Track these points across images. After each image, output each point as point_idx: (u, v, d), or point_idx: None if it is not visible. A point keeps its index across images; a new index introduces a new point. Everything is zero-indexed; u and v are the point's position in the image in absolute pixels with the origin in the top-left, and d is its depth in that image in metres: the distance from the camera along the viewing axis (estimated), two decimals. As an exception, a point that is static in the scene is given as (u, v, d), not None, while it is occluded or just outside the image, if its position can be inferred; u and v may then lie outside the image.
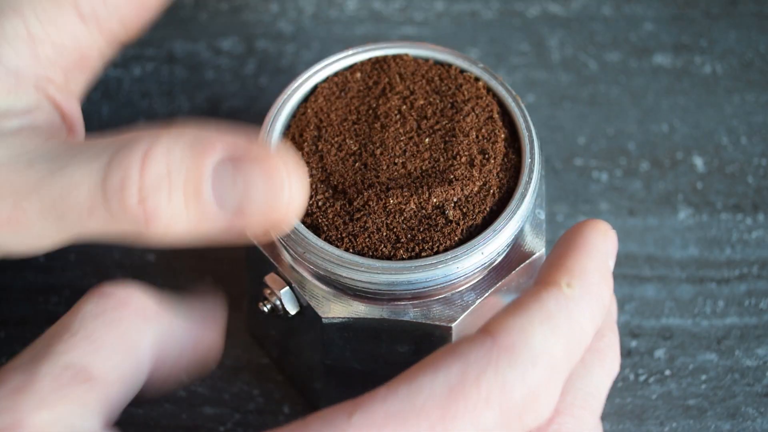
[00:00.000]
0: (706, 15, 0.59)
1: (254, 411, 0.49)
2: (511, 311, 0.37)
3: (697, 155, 0.55)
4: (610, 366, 0.41)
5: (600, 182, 0.54)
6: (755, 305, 0.51)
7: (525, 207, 0.42)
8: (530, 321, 0.36)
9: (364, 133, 0.44)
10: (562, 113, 0.56)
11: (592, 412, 0.40)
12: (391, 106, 0.44)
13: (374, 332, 0.43)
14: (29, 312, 0.51)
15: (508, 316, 0.37)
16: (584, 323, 0.37)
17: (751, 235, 0.53)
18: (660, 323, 0.51)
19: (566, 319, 0.37)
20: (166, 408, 0.49)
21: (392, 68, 0.45)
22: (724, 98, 0.57)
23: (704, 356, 0.50)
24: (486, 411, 0.35)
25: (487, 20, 0.59)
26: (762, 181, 0.54)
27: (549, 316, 0.37)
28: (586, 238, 0.39)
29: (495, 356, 0.36)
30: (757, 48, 0.58)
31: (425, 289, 0.42)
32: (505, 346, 0.36)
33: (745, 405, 0.49)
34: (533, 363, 0.36)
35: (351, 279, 0.41)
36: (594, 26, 0.59)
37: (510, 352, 0.36)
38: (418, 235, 0.42)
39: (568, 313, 0.37)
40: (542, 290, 0.38)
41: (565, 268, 0.38)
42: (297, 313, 0.43)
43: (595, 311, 0.38)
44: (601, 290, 0.38)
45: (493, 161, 0.43)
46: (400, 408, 0.35)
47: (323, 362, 0.45)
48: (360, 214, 0.42)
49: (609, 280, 0.39)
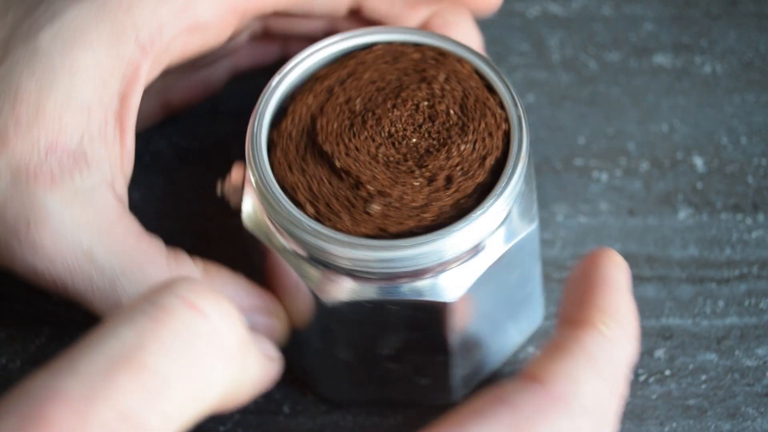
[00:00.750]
0: (706, 15, 0.59)
1: (254, 411, 0.49)
2: (554, 356, 0.36)
3: (697, 155, 0.55)
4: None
5: (600, 182, 0.54)
6: (755, 305, 0.51)
7: (516, 180, 0.42)
8: (577, 366, 0.36)
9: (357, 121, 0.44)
10: (562, 113, 0.56)
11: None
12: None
13: (369, 312, 0.43)
14: (29, 312, 0.51)
15: (553, 361, 0.36)
16: (623, 363, 0.37)
17: (751, 235, 0.53)
18: (660, 323, 0.51)
19: (608, 361, 0.36)
20: (166, 408, 0.49)
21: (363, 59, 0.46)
22: (724, 98, 0.57)
23: (704, 356, 0.50)
24: None
25: (487, 20, 0.59)
26: (762, 181, 0.54)
27: (594, 361, 0.36)
28: (608, 272, 0.39)
29: (545, 406, 0.35)
30: (757, 48, 0.58)
31: (418, 267, 0.42)
32: (555, 395, 0.35)
33: (745, 405, 0.49)
34: (584, 412, 0.35)
35: (344, 258, 0.41)
36: (594, 26, 0.59)
37: (561, 401, 0.35)
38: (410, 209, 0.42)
39: (609, 356, 0.37)
40: (581, 332, 0.37)
41: (597, 307, 0.38)
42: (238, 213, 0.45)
43: (630, 348, 0.38)
44: (633, 326, 0.38)
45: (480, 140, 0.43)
46: None
47: (320, 342, 0.45)
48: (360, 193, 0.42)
49: (635, 313, 0.39)
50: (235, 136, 0.55)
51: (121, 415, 0.32)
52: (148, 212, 0.53)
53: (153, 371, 0.32)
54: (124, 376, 0.32)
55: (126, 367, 0.32)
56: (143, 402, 0.32)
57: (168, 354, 0.33)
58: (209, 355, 0.34)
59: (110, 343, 0.33)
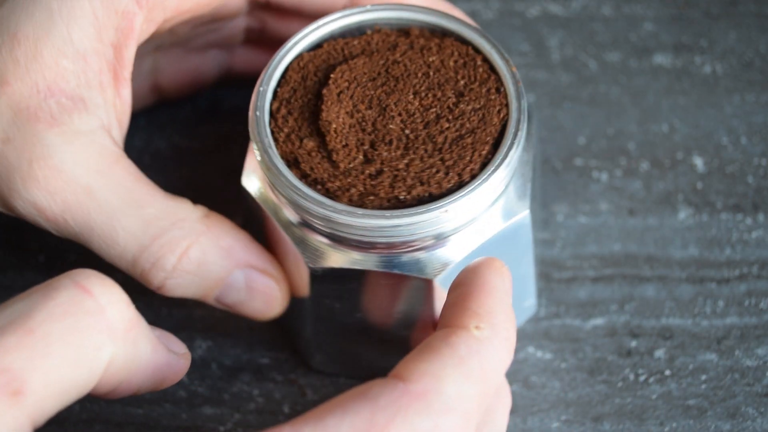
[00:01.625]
0: (706, 15, 0.59)
1: (254, 411, 0.49)
2: (421, 356, 0.36)
3: (697, 155, 0.55)
4: (506, 400, 0.40)
5: (600, 182, 0.54)
6: (755, 305, 0.51)
7: (513, 157, 0.43)
8: (443, 366, 0.36)
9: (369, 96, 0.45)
10: (562, 113, 0.56)
11: None
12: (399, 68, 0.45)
13: (358, 283, 0.44)
14: (29, 312, 0.51)
15: (419, 360, 0.36)
16: (495, 365, 0.37)
17: (751, 235, 0.53)
18: (660, 323, 0.51)
19: (478, 363, 0.36)
20: (166, 408, 0.49)
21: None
22: (724, 98, 0.57)
23: (704, 356, 0.50)
24: None
25: (487, 20, 0.59)
26: (762, 181, 0.54)
27: (461, 361, 0.36)
28: (486, 279, 0.39)
29: (405, 403, 0.35)
30: (757, 48, 0.58)
31: (409, 239, 0.42)
32: (416, 393, 0.35)
33: (745, 405, 0.49)
34: (446, 411, 0.35)
35: (337, 224, 0.42)
36: (594, 26, 0.59)
37: (422, 399, 0.35)
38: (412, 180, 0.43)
39: (479, 357, 0.36)
40: (451, 334, 0.37)
41: (471, 311, 0.38)
42: None
43: (504, 352, 0.37)
44: (508, 330, 0.38)
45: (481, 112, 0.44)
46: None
47: (312, 312, 0.46)
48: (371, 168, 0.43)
49: (513, 319, 0.38)
50: (235, 136, 0.55)
51: (3, 368, 0.34)
52: (148, 212, 0.53)
53: (36, 334, 0.35)
54: (11, 337, 0.35)
55: (13, 330, 0.35)
56: (25, 360, 0.35)
57: (52, 320, 0.36)
58: (92, 327, 0.36)
59: (4, 312, 0.36)
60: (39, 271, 0.52)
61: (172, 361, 0.40)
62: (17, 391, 0.35)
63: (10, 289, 0.52)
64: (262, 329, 0.51)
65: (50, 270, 0.52)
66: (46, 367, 0.35)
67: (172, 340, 0.41)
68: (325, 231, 0.43)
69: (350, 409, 0.35)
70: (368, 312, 0.45)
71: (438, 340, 0.37)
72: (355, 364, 0.49)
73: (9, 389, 0.35)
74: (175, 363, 0.41)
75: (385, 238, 0.42)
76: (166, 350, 0.40)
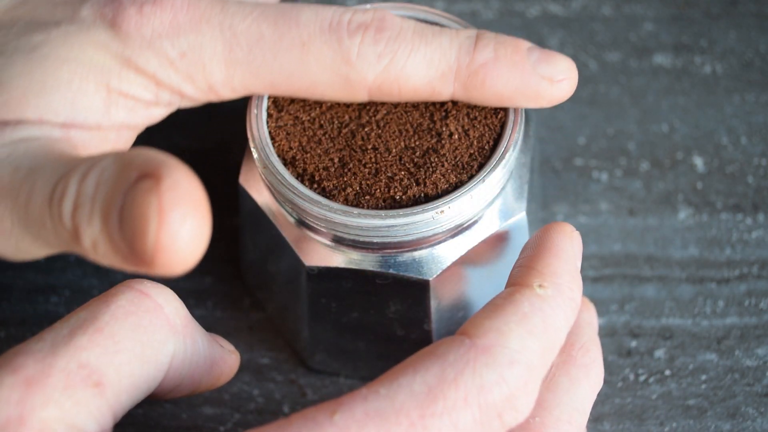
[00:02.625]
0: (706, 15, 0.59)
1: (254, 411, 0.49)
2: (486, 313, 0.38)
3: (697, 155, 0.55)
4: (594, 380, 0.42)
5: (600, 182, 0.54)
6: (755, 305, 0.51)
7: (510, 158, 0.43)
8: (506, 322, 0.37)
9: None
10: (562, 113, 0.56)
11: (578, 427, 0.40)
12: None
13: (354, 283, 0.44)
14: (29, 312, 0.51)
15: (484, 318, 0.38)
16: (558, 323, 0.38)
17: (751, 235, 0.53)
18: (660, 323, 0.51)
19: (541, 319, 0.38)
20: (166, 408, 0.49)
21: None
22: (724, 98, 0.57)
23: (704, 356, 0.50)
24: (464, 410, 0.36)
25: (487, 20, 0.59)
26: (762, 181, 0.54)
27: (524, 317, 0.38)
28: (553, 241, 0.40)
29: (473, 357, 0.36)
30: (757, 48, 0.58)
31: (404, 239, 0.42)
32: (482, 347, 0.37)
33: (745, 405, 0.49)
34: (510, 363, 0.37)
35: (332, 223, 0.42)
36: (594, 26, 0.59)
37: (487, 353, 0.37)
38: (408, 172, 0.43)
39: (542, 314, 0.38)
40: (516, 292, 0.39)
41: (536, 271, 0.39)
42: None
43: (568, 311, 0.39)
44: (572, 291, 0.39)
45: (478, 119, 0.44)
46: (381, 407, 0.36)
47: (308, 311, 0.46)
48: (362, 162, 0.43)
49: (579, 281, 0.40)
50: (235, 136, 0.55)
51: (80, 364, 0.37)
52: (148, 212, 0.53)
53: (106, 333, 0.37)
54: (82, 337, 0.37)
55: (82, 331, 0.37)
56: (99, 356, 0.37)
57: (116, 320, 0.38)
58: (154, 324, 0.38)
59: (70, 319, 0.38)
60: (38, 271, 0.52)
61: (225, 356, 0.42)
62: (98, 383, 0.37)
63: (10, 289, 0.52)
64: (262, 329, 0.51)
65: (50, 270, 0.52)
66: (117, 362, 0.37)
67: (220, 338, 0.43)
68: (321, 230, 0.43)
69: (421, 367, 0.36)
70: (365, 311, 0.45)
71: (502, 299, 0.39)
72: (353, 363, 0.49)
73: (90, 381, 0.37)
74: (228, 358, 0.42)
75: (381, 237, 0.42)
76: (219, 346, 0.42)
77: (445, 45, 0.43)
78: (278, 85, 0.43)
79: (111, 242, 0.35)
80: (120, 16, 0.42)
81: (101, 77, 0.42)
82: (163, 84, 0.43)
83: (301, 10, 0.43)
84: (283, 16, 0.43)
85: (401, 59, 0.42)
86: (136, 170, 0.35)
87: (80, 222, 0.36)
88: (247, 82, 0.43)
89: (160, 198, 0.34)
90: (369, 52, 0.42)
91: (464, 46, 0.43)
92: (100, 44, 0.42)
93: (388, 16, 0.43)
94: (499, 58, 0.43)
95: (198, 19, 0.42)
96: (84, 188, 0.36)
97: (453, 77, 0.42)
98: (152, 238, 0.34)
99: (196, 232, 0.34)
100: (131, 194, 0.34)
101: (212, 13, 0.42)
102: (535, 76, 0.43)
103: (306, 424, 0.36)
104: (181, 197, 0.34)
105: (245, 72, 0.43)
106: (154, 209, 0.34)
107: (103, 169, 0.36)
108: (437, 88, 0.43)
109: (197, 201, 0.34)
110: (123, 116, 0.43)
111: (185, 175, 0.34)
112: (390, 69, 0.42)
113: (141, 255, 0.34)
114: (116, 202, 0.35)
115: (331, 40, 0.42)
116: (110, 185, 0.35)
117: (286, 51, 0.42)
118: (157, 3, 0.42)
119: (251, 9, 0.43)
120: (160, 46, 0.42)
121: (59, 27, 0.42)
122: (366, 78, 0.43)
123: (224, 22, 0.42)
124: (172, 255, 0.34)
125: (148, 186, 0.34)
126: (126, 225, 0.34)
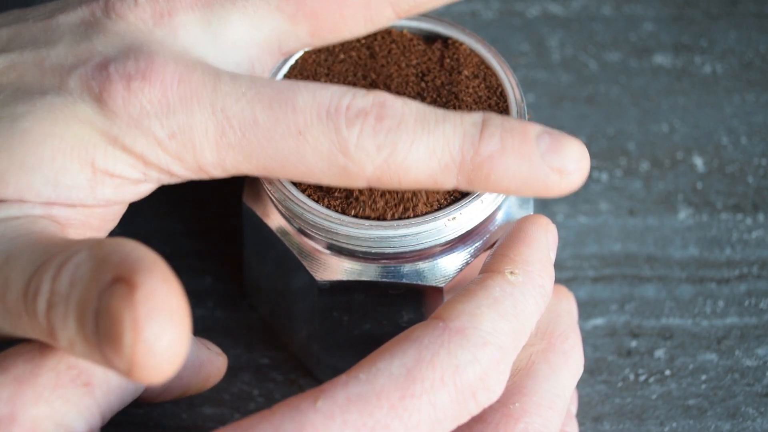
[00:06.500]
0: (706, 15, 0.59)
1: (254, 411, 0.49)
2: (459, 298, 0.39)
3: (697, 155, 0.55)
4: (574, 366, 0.42)
5: (600, 182, 0.54)
6: (755, 305, 0.51)
7: None
8: (478, 306, 0.39)
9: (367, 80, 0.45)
10: (562, 113, 0.56)
11: (558, 413, 0.41)
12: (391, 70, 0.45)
13: (366, 295, 0.44)
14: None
15: (457, 302, 0.39)
16: (528, 308, 0.40)
17: (751, 235, 0.53)
18: (660, 323, 0.51)
19: (511, 304, 0.39)
20: (166, 408, 0.49)
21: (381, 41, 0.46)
22: (724, 98, 0.57)
23: (704, 356, 0.50)
24: (441, 390, 0.37)
25: (487, 20, 0.59)
26: (762, 181, 0.54)
27: (495, 301, 0.39)
28: (527, 231, 0.41)
29: (447, 339, 0.38)
30: (757, 48, 0.58)
31: (416, 248, 0.42)
32: (456, 330, 0.38)
33: (745, 405, 0.49)
34: (483, 344, 0.38)
35: (344, 237, 0.42)
36: (594, 26, 0.59)
37: (461, 334, 0.38)
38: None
39: (513, 299, 0.39)
40: (488, 278, 0.40)
41: (508, 258, 0.40)
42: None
43: (539, 297, 0.40)
44: (542, 278, 0.40)
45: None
46: (362, 391, 0.37)
47: (319, 325, 0.46)
48: None
49: (550, 270, 0.41)
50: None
51: (69, 365, 0.37)
52: (148, 212, 0.53)
53: None
54: None
55: None
56: None
57: None
58: None
59: None
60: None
61: (212, 357, 0.43)
62: (87, 383, 0.37)
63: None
64: (262, 329, 0.51)
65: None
66: None
67: (206, 341, 0.43)
68: (332, 244, 0.43)
69: (398, 351, 0.38)
70: (377, 323, 0.45)
71: (475, 284, 0.40)
72: None
73: (79, 381, 0.37)
74: (215, 359, 0.43)
75: (393, 248, 0.42)
76: (206, 348, 0.43)
77: (449, 134, 0.40)
78: (272, 170, 0.41)
79: (88, 344, 0.34)
80: (107, 91, 0.40)
81: (86, 155, 0.40)
82: (151, 163, 0.40)
83: (298, 92, 0.40)
84: (279, 98, 0.40)
85: (402, 151, 0.40)
86: (110, 272, 0.34)
87: (55, 322, 0.35)
88: (239, 165, 0.41)
89: (134, 311, 0.33)
90: (368, 143, 0.40)
91: (469, 135, 0.40)
92: (86, 120, 0.40)
93: (389, 101, 0.40)
94: (506, 149, 0.40)
95: (189, 97, 0.40)
96: (57, 287, 0.35)
97: (457, 170, 0.40)
98: (128, 352, 0.33)
99: (173, 343, 0.33)
100: (105, 299, 0.33)
101: (204, 92, 0.40)
102: (544, 168, 0.40)
103: (290, 413, 0.36)
104: (157, 309, 0.33)
105: (237, 156, 0.41)
106: (129, 322, 0.33)
107: (77, 265, 0.35)
108: (439, 180, 0.41)
109: (175, 311, 0.33)
110: (109, 194, 0.41)
111: (162, 280, 0.33)
112: (390, 161, 0.40)
113: (117, 365, 0.33)
114: (91, 304, 0.34)
115: (329, 129, 0.40)
116: (84, 285, 0.34)
117: (281, 139, 0.40)
118: (146, 78, 0.40)
119: (245, 89, 0.40)
120: (149, 125, 0.40)
121: (44, 98, 0.40)
122: (364, 169, 0.40)
123: (216, 103, 0.40)
124: (148, 370, 0.33)
125: (121, 293, 0.33)
126: (101, 331, 0.34)
